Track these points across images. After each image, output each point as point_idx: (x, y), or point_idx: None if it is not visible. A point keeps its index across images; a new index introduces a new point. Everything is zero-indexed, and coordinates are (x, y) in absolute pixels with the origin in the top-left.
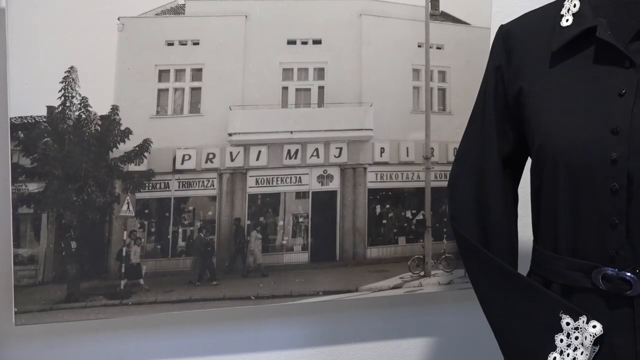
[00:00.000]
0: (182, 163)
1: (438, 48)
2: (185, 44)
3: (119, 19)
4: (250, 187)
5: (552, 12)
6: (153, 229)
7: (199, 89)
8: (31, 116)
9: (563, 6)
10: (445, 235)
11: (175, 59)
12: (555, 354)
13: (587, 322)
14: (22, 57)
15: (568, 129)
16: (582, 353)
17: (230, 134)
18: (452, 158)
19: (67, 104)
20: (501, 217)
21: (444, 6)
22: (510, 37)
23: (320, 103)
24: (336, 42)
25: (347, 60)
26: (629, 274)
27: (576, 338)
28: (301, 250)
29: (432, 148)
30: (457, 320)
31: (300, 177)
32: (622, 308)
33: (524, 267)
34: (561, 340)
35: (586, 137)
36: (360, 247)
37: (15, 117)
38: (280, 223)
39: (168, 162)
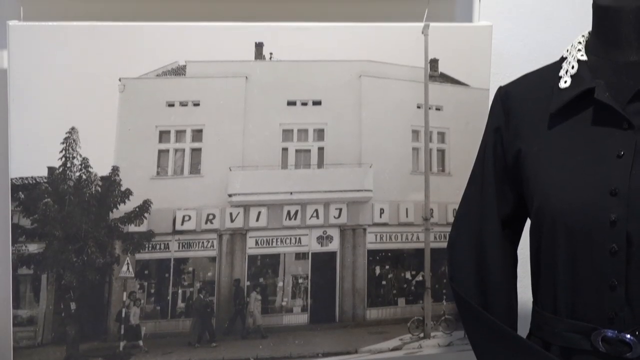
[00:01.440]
0: (182, 224)
1: (437, 109)
2: (186, 105)
3: (120, 80)
4: (250, 248)
5: (551, 73)
6: (153, 290)
7: (199, 149)
8: (32, 177)
9: (561, 68)
10: (444, 297)
11: (175, 120)
12: None
13: None
14: (24, 117)
15: (567, 191)
16: None
17: (230, 195)
18: (451, 219)
19: (68, 165)
20: (501, 279)
21: (443, 68)
22: (509, 98)
23: (320, 164)
24: (336, 103)
25: (346, 121)
26: (628, 335)
27: None
28: (301, 312)
29: (432, 209)
30: None
31: (299, 238)
32: None
33: (523, 328)
34: None
35: (585, 198)
36: (359, 308)
37: (16, 178)
38: (280, 284)
39: (168, 223)
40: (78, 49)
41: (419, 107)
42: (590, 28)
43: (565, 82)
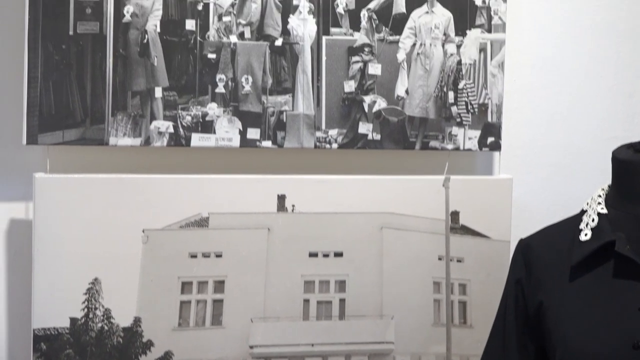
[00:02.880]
0: None
1: (458, 261)
2: (208, 257)
3: (143, 231)
4: None
5: (571, 226)
6: None
7: (221, 301)
8: (54, 327)
9: (582, 220)
10: None
11: (198, 271)
12: None
13: None
14: (48, 268)
15: (589, 344)
16: None
17: (251, 347)
18: None
19: (90, 316)
20: None
21: (464, 220)
22: (529, 251)
23: (342, 315)
24: (357, 255)
25: (368, 272)
26: None
27: None
28: None
29: None
30: None
31: None
32: None
33: None
34: None
35: (607, 352)
36: None
37: (38, 329)
38: None
39: None
40: (102, 200)
41: (440, 258)
42: (610, 181)
43: (586, 234)
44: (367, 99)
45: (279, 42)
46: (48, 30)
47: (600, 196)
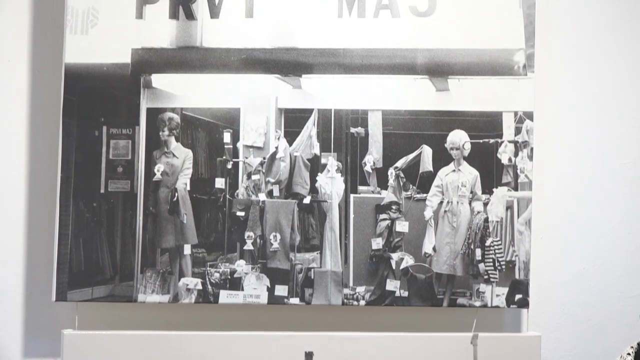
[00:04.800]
0: None
1: None
2: None
3: None
4: None
5: None
6: None
7: None
8: None
9: None
10: None
11: None
12: None
13: None
14: None
15: None
16: None
17: None
18: None
19: None
20: None
21: None
22: None
23: None
24: None
25: None
26: None
27: None
28: None
29: None
30: None
31: None
32: None
33: None
34: None
35: None
36: None
37: None
38: None
39: None
40: (131, 357)
41: None
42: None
43: None
44: (395, 256)
45: (307, 200)
46: (80, 188)
47: (629, 354)
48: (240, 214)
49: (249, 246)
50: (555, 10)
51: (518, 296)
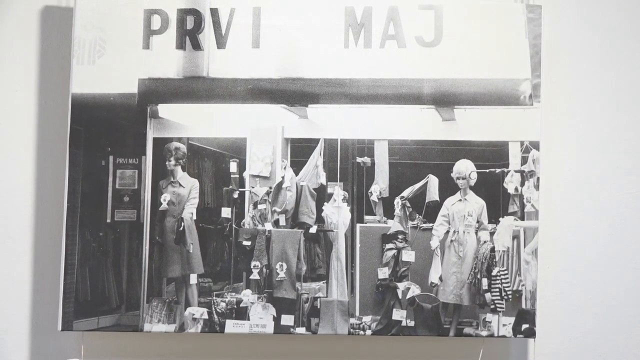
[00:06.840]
0: None
1: None
2: None
3: None
4: None
5: None
6: None
7: None
8: None
9: None
10: None
11: None
12: None
13: None
14: None
15: None
16: None
17: None
18: None
19: None
20: None
21: None
22: None
23: None
24: None
25: None
26: None
27: None
28: None
29: None
30: None
31: None
32: None
33: None
34: None
35: None
36: None
37: None
38: None
39: None
40: None
41: None
42: None
43: None
44: (401, 285)
45: (313, 230)
46: (86, 217)
47: None
48: (247, 243)
49: (255, 275)
50: (561, 40)
51: (525, 326)
